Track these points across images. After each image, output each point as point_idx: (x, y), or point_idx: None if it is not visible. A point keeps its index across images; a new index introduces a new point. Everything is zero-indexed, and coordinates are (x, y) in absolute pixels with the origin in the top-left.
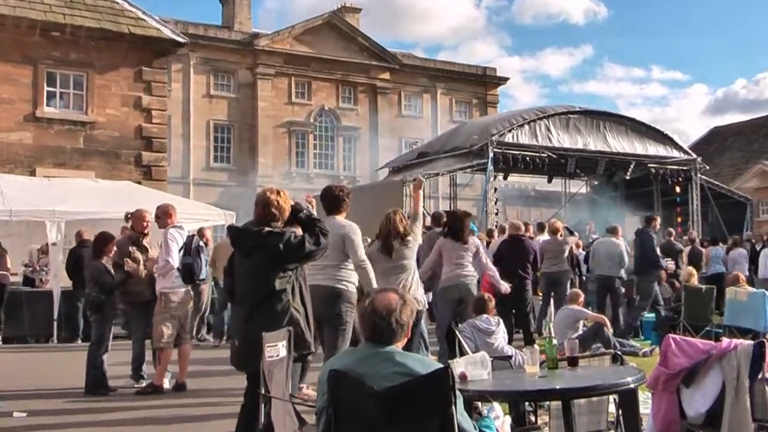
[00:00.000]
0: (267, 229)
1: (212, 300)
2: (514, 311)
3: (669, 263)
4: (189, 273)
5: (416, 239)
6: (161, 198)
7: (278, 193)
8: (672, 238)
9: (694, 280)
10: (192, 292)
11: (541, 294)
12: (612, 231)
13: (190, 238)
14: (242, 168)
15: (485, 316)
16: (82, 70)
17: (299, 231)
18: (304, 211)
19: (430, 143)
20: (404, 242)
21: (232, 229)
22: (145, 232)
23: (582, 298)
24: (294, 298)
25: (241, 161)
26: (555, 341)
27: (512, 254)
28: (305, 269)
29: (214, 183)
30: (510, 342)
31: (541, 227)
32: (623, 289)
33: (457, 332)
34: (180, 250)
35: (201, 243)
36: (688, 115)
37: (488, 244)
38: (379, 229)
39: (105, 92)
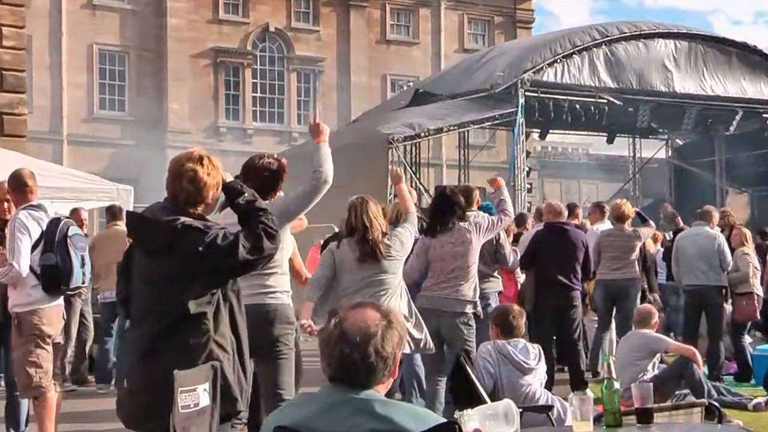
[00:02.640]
0: (183, 220)
1: (93, 321)
2: (555, 337)
3: None
4: (54, 279)
5: (404, 244)
6: (17, 162)
7: (200, 160)
8: None
9: None
10: (64, 310)
11: (595, 312)
12: (704, 216)
13: (55, 223)
14: (144, 119)
15: (522, 342)
16: None
17: (234, 226)
18: (246, 195)
19: (431, 83)
20: (385, 247)
21: (131, 217)
22: (5, 217)
23: (657, 320)
24: (218, 328)
25: (142, 109)
26: (617, 384)
27: (551, 252)
28: (238, 283)
29: (100, 141)
30: (549, 385)
31: (598, 211)
32: (727, 307)
33: (465, 361)
34: (38, 244)
35: (76, 232)
36: None
37: (517, 237)
38: (346, 226)
39: None
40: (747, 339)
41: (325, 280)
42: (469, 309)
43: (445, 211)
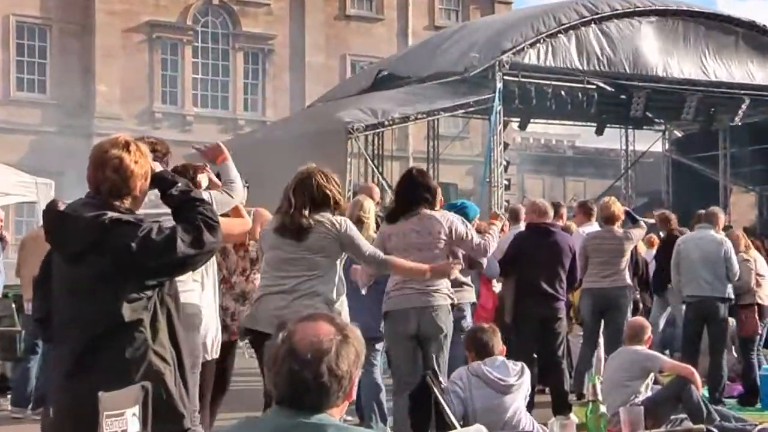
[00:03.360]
0: (110, 214)
1: (11, 336)
2: (536, 354)
3: None
4: None
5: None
6: None
7: (126, 146)
8: None
9: None
10: None
11: (581, 326)
12: (710, 219)
13: None
14: (68, 103)
15: (500, 359)
16: None
17: (168, 220)
18: (179, 185)
19: (395, 63)
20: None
21: (49, 215)
22: None
23: (650, 334)
24: (156, 336)
25: (66, 91)
26: (604, 408)
27: (534, 256)
28: (175, 286)
29: (17, 127)
30: (529, 408)
31: (584, 211)
32: (732, 321)
33: (431, 380)
34: None
35: None
36: None
37: None
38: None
39: None
40: (756, 357)
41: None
42: (444, 301)
43: (409, 194)
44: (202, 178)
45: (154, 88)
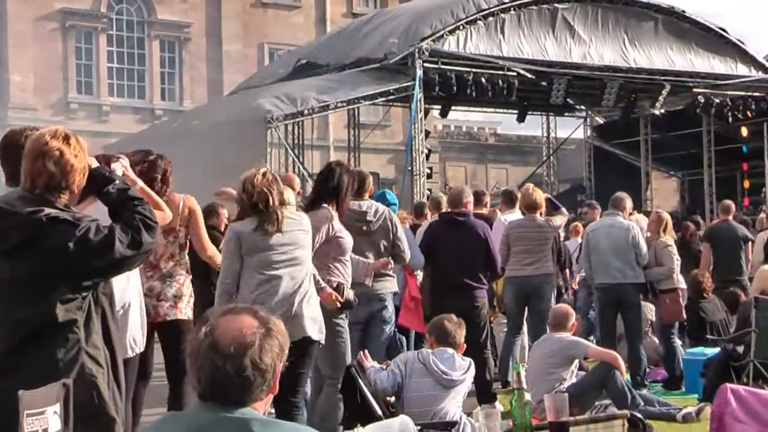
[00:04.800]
0: (48, 211)
1: None
2: None
3: None
4: None
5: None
6: None
7: (66, 139)
8: (731, 218)
9: None
10: None
11: (504, 314)
12: (616, 204)
13: None
14: None
15: (450, 351)
16: None
17: (104, 218)
18: (117, 182)
19: (314, 51)
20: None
21: None
22: None
23: (574, 321)
24: (89, 337)
25: None
26: (529, 396)
27: (446, 246)
28: (110, 285)
29: None
30: None
31: (508, 199)
32: (650, 306)
33: (357, 373)
34: None
35: None
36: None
37: (414, 229)
38: (241, 199)
39: None
40: (677, 342)
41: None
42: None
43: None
44: (116, 167)
45: (69, 77)
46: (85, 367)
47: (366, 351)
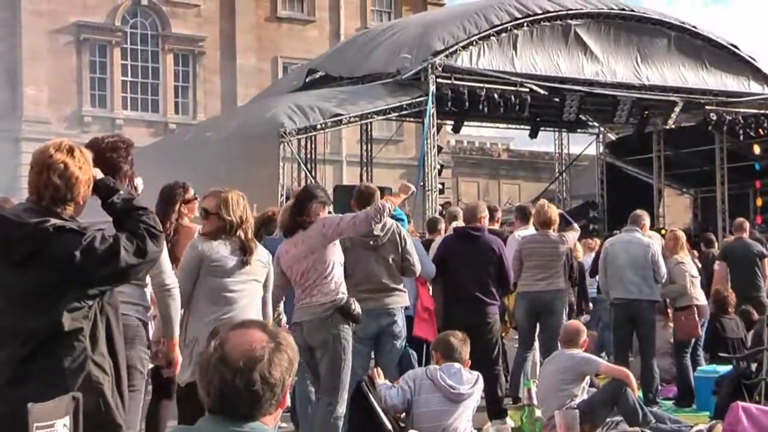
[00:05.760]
0: (54, 221)
1: None
2: (470, 359)
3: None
4: None
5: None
6: None
7: (71, 151)
8: (745, 235)
9: None
10: None
11: (516, 330)
12: (635, 221)
13: None
14: None
15: (457, 366)
16: None
17: (110, 228)
18: (121, 193)
19: (327, 64)
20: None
21: None
22: None
23: (586, 338)
24: (95, 346)
25: None
26: (539, 412)
27: (460, 261)
28: (116, 296)
29: None
30: None
31: (522, 215)
32: (662, 322)
33: (367, 388)
34: None
35: None
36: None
37: (427, 245)
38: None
39: None
40: (693, 359)
41: None
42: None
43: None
44: (138, 182)
45: (83, 90)
46: (92, 375)
47: (378, 368)
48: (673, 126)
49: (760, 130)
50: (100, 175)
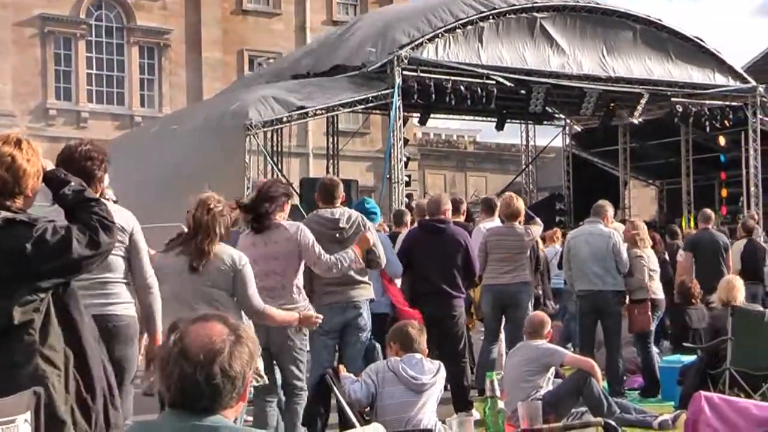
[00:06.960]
0: (4, 214)
1: None
2: (437, 352)
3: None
4: None
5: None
6: None
7: (18, 144)
8: (710, 226)
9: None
10: None
11: (481, 322)
12: (597, 212)
13: None
14: None
15: (418, 356)
16: None
17: (61, 219)
18: (72, 184)
19: (293, 59)
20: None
21: None
22: None
23: (550, 329)
24: (46, 339)
25: None
26: (502, 404)
27: (423, 253)
28: (74, 288)
29: None
30: None
31: (487, 207)
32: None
33: (332, 381)
34: None
35: None
36: (731, 16)
37: (393, 237)
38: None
39: None
40: (654, 349)
41: None
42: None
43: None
44: (110, 194)
45: (47, 83)
46: (39, 368)
47: (342, 364)
48: (639, 118)
49: (726, 122)
50: (50, 166)
